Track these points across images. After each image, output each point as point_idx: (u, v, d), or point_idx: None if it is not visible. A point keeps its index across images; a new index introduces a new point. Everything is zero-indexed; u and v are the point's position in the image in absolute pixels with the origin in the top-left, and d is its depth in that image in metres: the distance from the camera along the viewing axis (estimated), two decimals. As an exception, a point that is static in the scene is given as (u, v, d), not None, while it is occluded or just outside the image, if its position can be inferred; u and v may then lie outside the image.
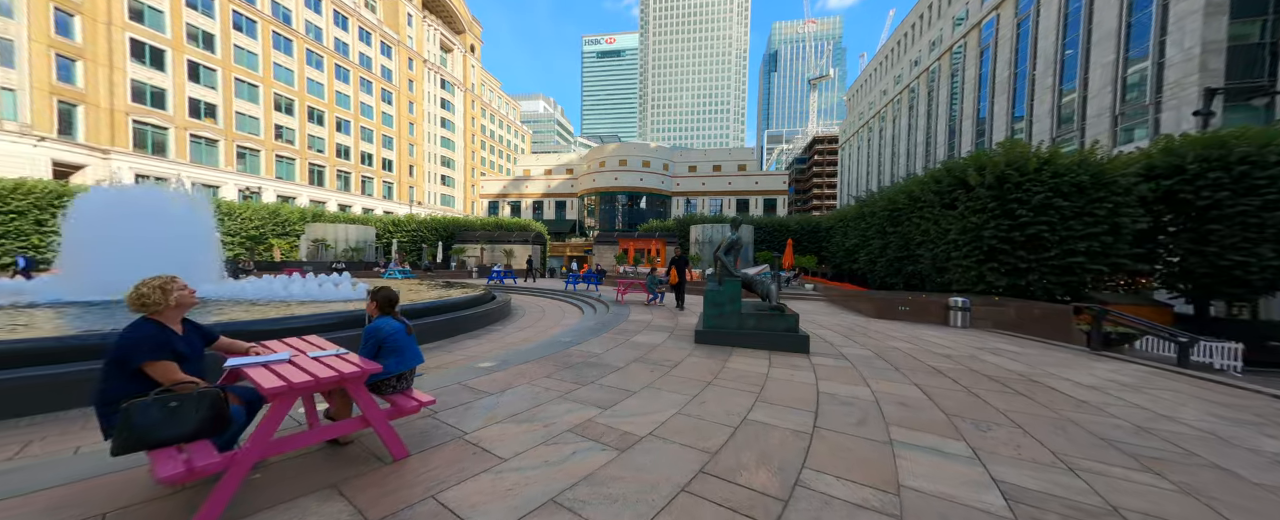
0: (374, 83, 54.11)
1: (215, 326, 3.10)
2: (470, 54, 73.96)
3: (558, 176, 50.93)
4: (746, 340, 6.38)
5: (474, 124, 74.81)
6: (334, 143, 48.52)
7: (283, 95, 43.26)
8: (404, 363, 2.93)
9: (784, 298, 14.58)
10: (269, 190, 41.15)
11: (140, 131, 33.45)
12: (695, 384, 4.64)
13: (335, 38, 49.25)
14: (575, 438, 3.19)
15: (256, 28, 41.07)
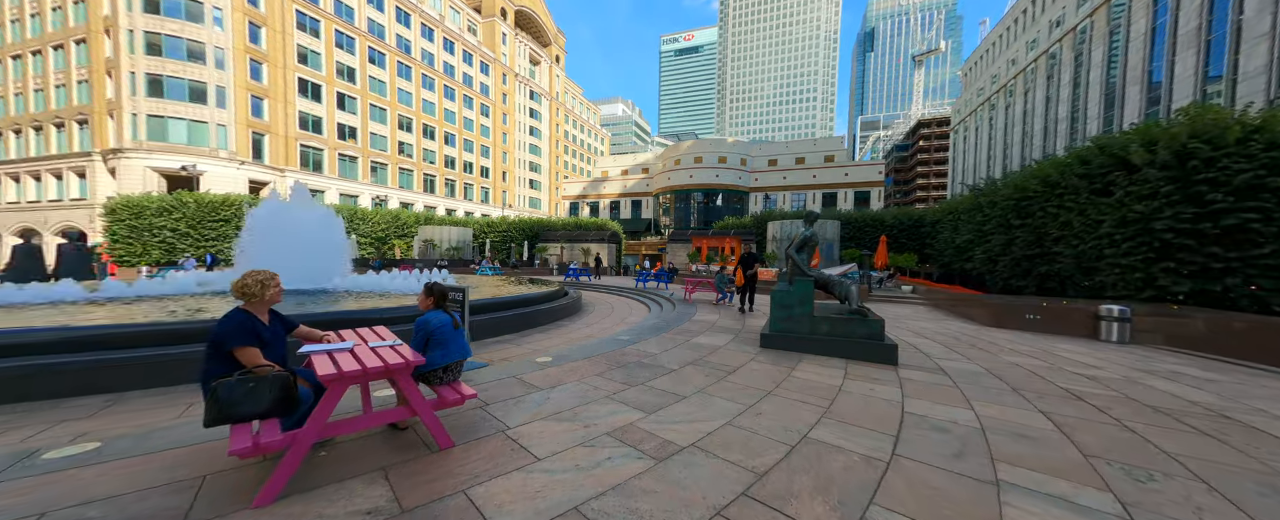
0: (474, 98, 60.28)
1: (303, 316, 3.57)
2: (555, 64, 78.67)
3: (634, 176, 51.86)
4: (819, 347, 5.73)
5: (558, 130, 79.52)
6: (442, 154, 55.07)
7: (404, 115, 50.20)
8: (449, 355, 3.07)
9: (874, 301, 13.03)
10: (393, 198, 48.08)
11: (304, 153, 41.26)
12: (752, 392, 4.26)
13: (444, 61, 55.81)
14: (613, 442, 3.07)
15: (385, 59, 48.17)
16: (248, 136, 36.83)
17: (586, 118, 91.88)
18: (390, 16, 48.90)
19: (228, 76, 35.27)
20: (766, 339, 6.14)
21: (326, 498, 2.24)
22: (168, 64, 32.97)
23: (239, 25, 35.76)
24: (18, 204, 36.47)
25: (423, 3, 53.30)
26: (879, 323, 5.67)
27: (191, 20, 33.73)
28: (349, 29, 44.21)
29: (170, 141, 33.40)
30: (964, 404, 4.11)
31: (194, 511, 2.07)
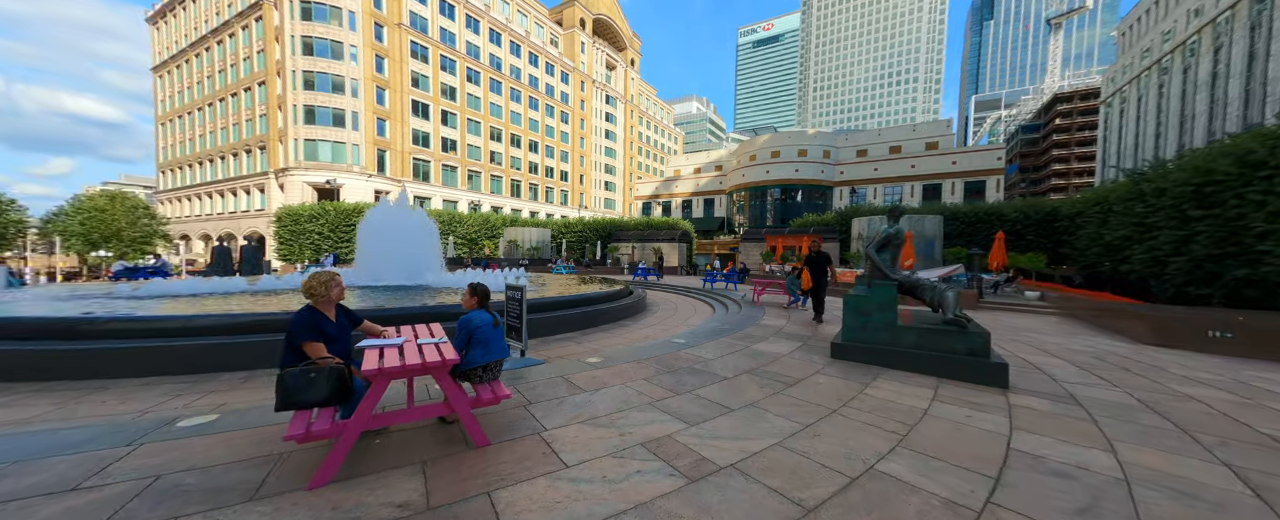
0: (555, 106, 64.00)
1: (369, 311, 3.94)
2: (630, 68, 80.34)
3: (706, 174, 50.85)
4: (903, 361, 4.95)
5: (632, 132, 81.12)
6: (526, 160, 59.35)
7: (495, 126, 55.05)
8: (489, 355, 3.15)
9: (986, 309, 11.09)
10: (485, 203, 52.99)
11: (416, 165, 47.29)
12: (813, 409, 3.79)
13: (529, 74, 60.09)
14: (646, 454, 2.91)
15: (479, 76, 53.27)
16: (374, 153, 43.19)
17: (660, 118, 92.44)
18: (484, 37, 53.89)
19: (360, 103, 41.73)
20: (838, 349, 5.48)
21: (368, 487, 2.40)
22: (318, 96, 39.98)
23: (368, 58, 42.09)
24: (220, 215, 46.99)
25: (511, 21, 57.91)
26: (983, 336, 4.73)
27: (335, 58, 40.50)
28: (450, 52, 49.60)
29: (319, 160, 40.45)
30: (1101, 444, 3.22)
31: (263, 488, 2.34)
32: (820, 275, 8.81)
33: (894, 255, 5.75)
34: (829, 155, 42.01)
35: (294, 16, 39.38)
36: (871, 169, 40.03)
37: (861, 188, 40.29)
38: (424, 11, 47.14)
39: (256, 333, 5.66)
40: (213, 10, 47.25)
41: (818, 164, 41.23)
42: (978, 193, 35.74)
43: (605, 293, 9.97)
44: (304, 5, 39.67)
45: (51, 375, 4.87)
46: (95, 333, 5.47)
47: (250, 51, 43.52)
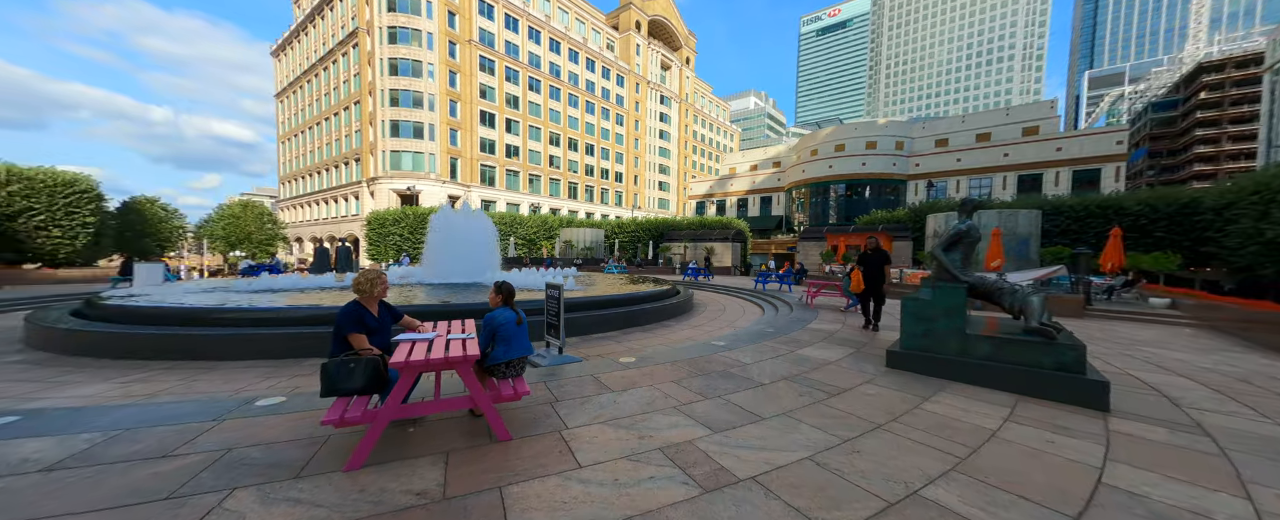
0: (610, 109, 65.33)
1: (409, 307, 4.22)
2: (685, 66, 79.72)
3: (763, 172, 48.95)
4: (973, 374, 4.35)
5: (686, 130, 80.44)
6: (583, 163, 61.22)
7: (553, 131, 57.44)
8: (510, 352, 3.24)
9: (1098, 318, 9.46)
10: (545, 205, 55.46)
11: (483, 170, 50.73)
12: (855, 423, 3.45)
13: (586, 79, 61.94)
14: (662, 459, 2.82)
15: (540, 84, 55.88)
16: (447, 161, 47.00)
17: (715, 115, 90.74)
18: (544, 46, 56.44)
19: (435, 116, 45.64)
20: (895, 358, 4.95)
21: (394, 473, 2.56)
22: (401, 111, 44.35)
23: (443, 74, 45.90)
24: (325, 219, 53.80)
25: (569, 30, 60.05)
26: (1076, 348, 4.02)
27: (415, 76, 44.67)
28: (514, 63, 52.55)
29: (402, 169, 44.83)
30: (1232, 485, 2.58)
31: (308, 467, 2.60)
32: (876, 277, 7.68)
33: (966, 254, 5.08)
34: (902, 146, 38.49)
35: (382, 41, 44.00)
36: (953, 160, 36.02)
37: (941, 181, 36.38)
38: (491, 27, 50.41)
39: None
40: (320, 42, 54.25)
41: (888, 156, 37.94)
42: (1089, 183, 30.71)
43: (648, 292, 9.94)
44: (390, 29, 44.15)
45: (181, 355, 5.84)
46: (214, 321, 6.49)
47: (348, 75, 49.35)
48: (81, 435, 2.90)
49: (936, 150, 37.29)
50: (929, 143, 38.10)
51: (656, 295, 10.01)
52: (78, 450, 2.70)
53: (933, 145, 37.81)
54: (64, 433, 2.94)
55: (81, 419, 3.20)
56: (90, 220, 18.97)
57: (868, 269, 7.78)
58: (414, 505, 2.26)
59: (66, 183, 18.26)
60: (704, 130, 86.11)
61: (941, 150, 36.99)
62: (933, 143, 37.85)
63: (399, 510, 2.22)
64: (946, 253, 5.07)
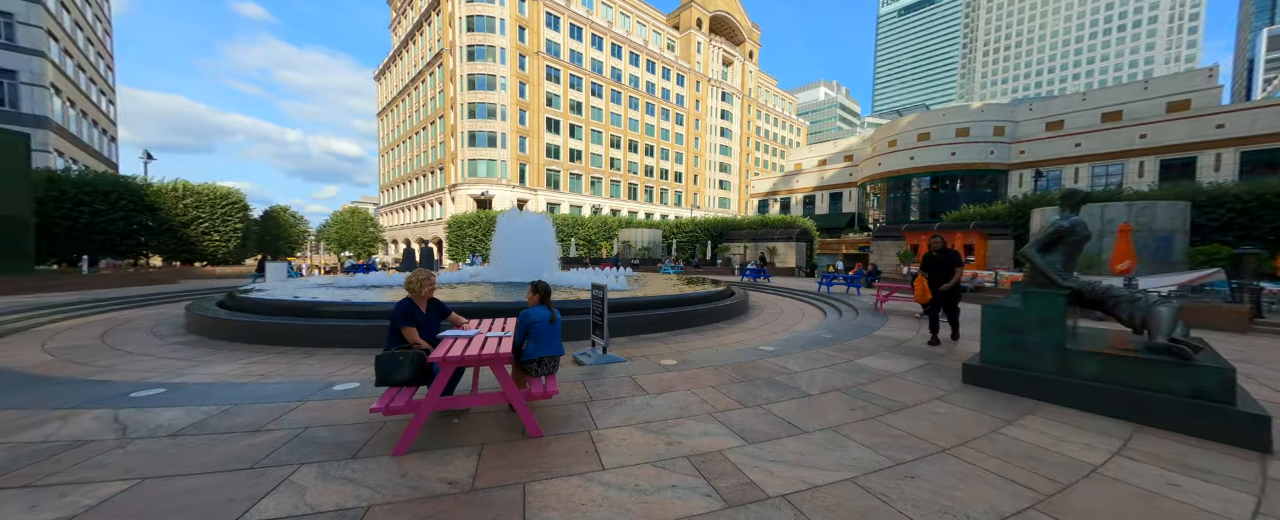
0: (670, 110, 65.27)
1: (456, 304, 4.49)
2: (748, 60, 77.18)
3: (833, 166, 45.70)
4: (1077, 397, 3.67)
5: (749, 127, 77.82)
6: (642, 164, 61.84)
7: (614, 134, 58.74)
8: (541, 349, 3.33)
9: (1263, 331, 7.50)
10: (605, 206, 56.90)
11: (549, 175, 53.36)
12: (915, 444, 3.06)
13: (646, 81, 62.51)
14: (688, 468, 2.72)
15: (602, 89, 57.48)
16: (516, 167, 50.13)
17: (780, 109, 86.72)
18: (606, 52, 57.92)
19: (506, 125, 48.91)
20: (973, 373, 4.33)
21: (433, 460, 2.75)
22: (477, 123, 48.12)
23: (513, 86, 49.04)
24: (415, 223, 60.05)
25: (631, 34, 61.01)
26: (1222, 371, 3.20)
27: (490, 89, 48.23)
28: (578, 70, 54.58)
29: (478, 176, 48.63)
30: None
31: (363, 449, 2.87)
32: (945, 283, 6.37)
33: (1070, 255, 4.29)
34: (1002, 132, 33.74)
35: (462, 59, 48.09)
36: (1070, 145, 30.77)
37: (1053, 169, 31.25)
38: (557, 37, 52.83)
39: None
40: (412, 64, 60.70)
41: (985, 144, 33.46)
42: (1268, 166, 24.50)
43: (698, 294, 9.73)
44: (469, 48, 48.10)
45: (291, 342, 6.83)
46: (317, 313, 7.51)
47: (434, 92, 54.62)
48: (202, 408, 3.50)
49: (1048, 134, 32.13)
50: (1038, 126, 32.97)
51: (707, 297, 9.77)
52: (197, 420, 3.26)
53: (1042, 129, 32.65)
54: (191, 404, 3.57)
55: (206, 394, 3.86)
56: (239, 226, 23.02)
57: (934, 274, 6.40)
58: (444, 493, 2.40)
59: (223, 195, 22.37)
60: (768, 126, 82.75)
61: (1054, 134, 31.79)
62: (1042, 126, 32.68)
63: (431, 497, 2.37)
64: (1044, 253, 4.32)
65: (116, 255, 20.00)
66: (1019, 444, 3.08)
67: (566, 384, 4.23)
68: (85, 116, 31.51)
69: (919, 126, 36.38)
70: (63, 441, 2.87)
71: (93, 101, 33.16)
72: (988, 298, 10.84)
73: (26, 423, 3.15)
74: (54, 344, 6.74)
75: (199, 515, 2.14)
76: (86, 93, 31.82)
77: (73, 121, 29.21)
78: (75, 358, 5.96)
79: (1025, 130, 33.34)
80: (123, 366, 5.55)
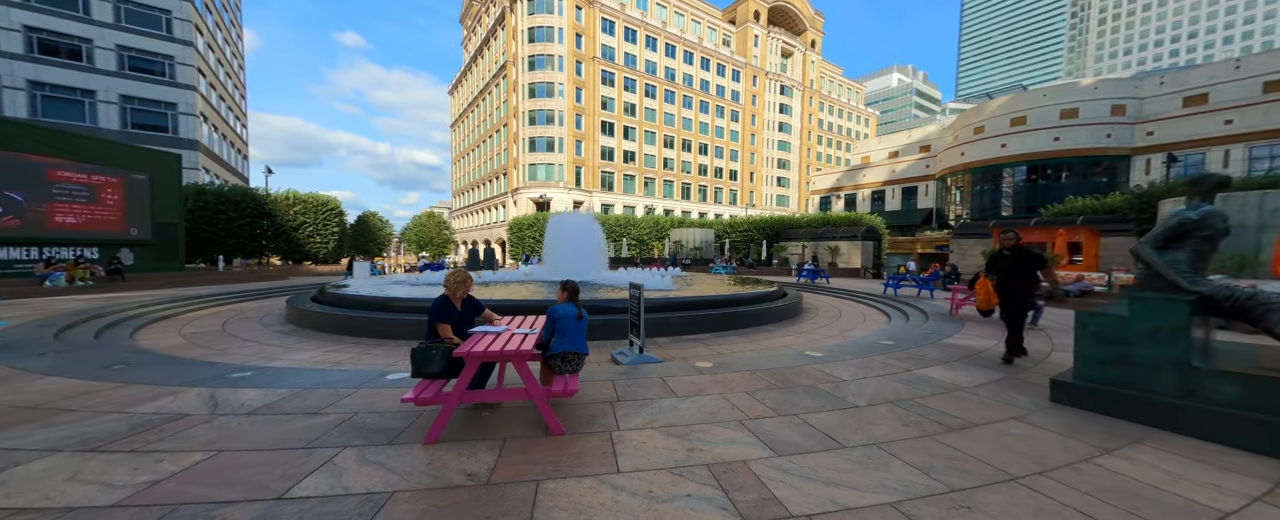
0: (725, 107, 63.80)
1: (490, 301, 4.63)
2: (810, 50, 73.20)
3: (906, 158, 41.82)
4: (1204, 426, 2.97)
5: (810, 120, 73.77)
6: (696, 163, 61.08)
7: (667, 135, 58.65)
8: (562, 345, 3.33)
9: None
10: (659, 206, 56.96)
11: (603, 177, 54.56)
12: (978, 469, 2.64)
13: (700, 79, 61.67)
14: (706, 476, 2.58)
15: (655, 90, 57.66)
16: (572, 170, 51.85)
17: (846, 100, 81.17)
18: (660, 53, 57.99)
19: (563, 130, 50.78)
20: (1063, 391, 3.67)
21: (457, 451, 2.85)
22: (537, 129, 50.49)
23: (570, 92, 50.79)
24: (482, 226, 64.41)
25: (686, 32, 60.54)
26: None
27: (548, 96, 50.39)
28: (632, 73, 55.23)
29: (537, 179, 51.00)
30: None
31: (400, 436, 3.06)
32: (1019, 291, 5.06)
33: (1200, 254, 3.49)
34: (1123, 111, 28.77)
35: (523, 69, 50.74)
36: (1218, 122, 25.42)
37: (1192, 152, 26.04)
38: (612, 42, 53.85)
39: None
40: (480, 78, 65.22)
41: (1099, 126, 28.73)
42: None
43: (744, 294, 9.34)
44: (530, 58, 50.61)
45: (363, 333, 7.57)
46: (385, 306, 8.26)
47: (499, 102, 58.22)
48: (278, 390, 3.95)
49: (1186, 111, 26.83)
50: (1173, 102, 27.65)
51: (754, 298, 9.34)
52: (272, 402, 3.68)
53: (1179, 105, 27.33)
54: (270, 386, 4.05)
55: (284, 377, 4.37)
56: (335, 230, 26.20)
57: (1006, 279, 5.07)
58: (462, 485, 2.47)
59: (323, 203, 25.61)
60: (831, 118, 77.88)
61: (1195, 110, 26.46)
62: (1179, 101, 27.35)
63: (450, 487, 2.45)
64: (1162, 251, 3.54)
65: (244, 255, 23.67)
66: (1118, 478, 2.54)
67: (597, 383, 4.22)
68: (224, 139, 37.62)
69: (1013, 110, 32.16)
70: (169, 414, 3.38)
71: (230, 126, 39.51)
72: (1097, 304, 9.25)
73: (148, 396, 3.76)
74: (188, 330, 8.08)
75: (253, 487, 2.39)
76: (225, 118, 37.96)
77: (216, 143, 35.00)
78: (200, 341, 7.09)
79: (1154, 108, 28.12)
80: (233, 350, 6.49)
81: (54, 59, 25.97)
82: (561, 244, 13.66)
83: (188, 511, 2.18)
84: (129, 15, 28.30)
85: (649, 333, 7.43)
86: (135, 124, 28.31)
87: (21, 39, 25.29)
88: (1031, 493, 2.40)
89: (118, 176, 14.40)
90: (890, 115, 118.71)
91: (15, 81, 25.10)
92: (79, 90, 26.83)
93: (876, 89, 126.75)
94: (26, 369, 4.39)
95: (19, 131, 13.56)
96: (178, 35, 29.77)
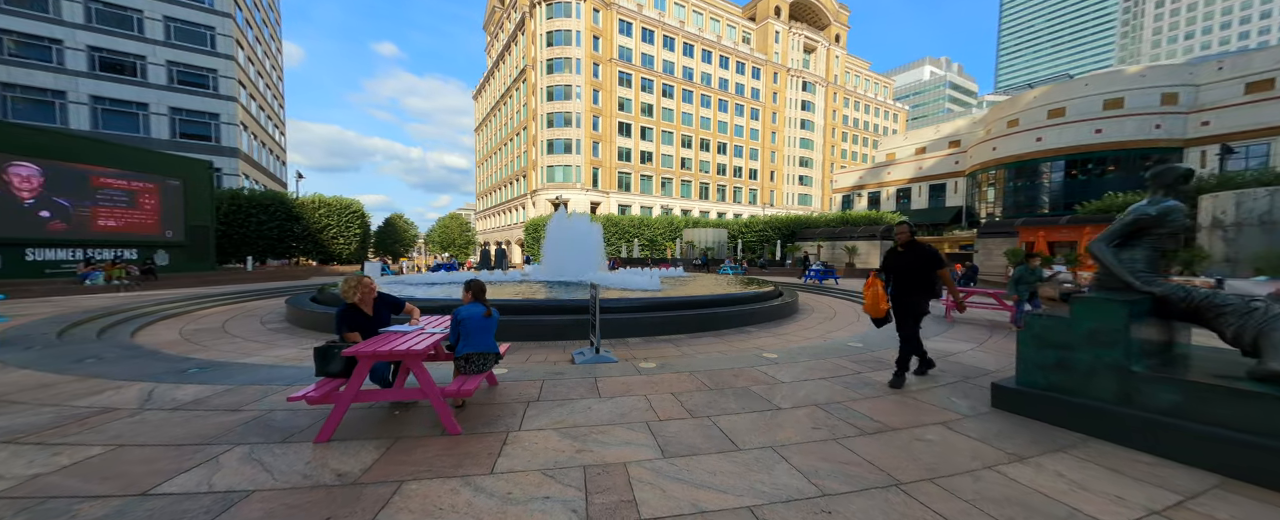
0: (744, 105, 62.76)
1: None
2: (834, 45, 71.10)
3: (934, 154, 39.84)
4: (1141, 435, 2.68)
5: (835, 117, 71.57)
6: (715, 162, 60.34)
7: (685, 134, 58.23)
8: (469, 346, 3.26)
9: None
10: (676, 206, 56.59)
11: (620, 177, 54.71)
12: (867, 474, 2.45)
13: (719, 77, 60.93)
14: (578, 479, 2.50)
15: (672, 89, 57.38)
16: (590, 171, 52.25)
17: (873, 95, 78.33)
18: (678, 52, 57.67)
19: (581, 132, 51.25)
20: (1004, 395, 3.41)
21: (343, 451, 2.82)
22: (555, 131, 51.17)
23: (587, 94, 51.22)
24: (502, 227, 65.85)
25: (704, 31, 59.99)
26: None
27: (566, 99, 51.00)
28: (649, 74, 55.17)
29: (555, 181, 51.66)
30: None
31: (298, 435, 3.05)
32: (909, 294, 4.13)
33: (1158, 252, 3.11)
34: (1175, 100, 26.42)
35: (542, 73, 51.56)
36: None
37: (1254, 143, 23.59)
38: (629, 43, 53.96)
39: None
40: (502, 82, 66.80)
41: (1148, 116, 26.47)
42: None
43: (726, 295, 9.07)
44: (548, 61, 51.39)
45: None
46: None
47: (519, 105, 59.40)
48: (217, 385, 4.07)
49: (1248, 98, 24.33)
50: (1234, 89, 25.16)
51: (737, 298, 9.05)
52: (203, 397, 3.79)
53: (1240, 92, 24.83)
54: (212, 382, 4.18)
55: (233, 373, 4.50)
56: (357, 232, 27.36)
57: (900, 280, 4.17)
58: (327, 485, 2.43)
59: (346, 206, 26.82)
60: (857, 114, 75.31)
61: (1261, 96, 23.96)
62: (1240, 88, 24.86)
63: (313, 487, 2.41)
64: (1119, 248, 3.16)
65: (275, 256, 25.06)
66: (1013, 486, 2.29)
67: (524, 383, 4.14)
68: (263, 146, 39.98)
69: (1050, 101, 30.10)
70: (100, 408, 3.52)
71: (269, 134, 41.96)
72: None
73: (94, 390, 3.94)
74: (189, 327, 8.55)
75: (125, 483, 2.43)
76: (264, 127, 40.34)
77: (255, 150, 37.24)
78: (193, 338, 7.47)
79: (1211, 95, 25.66)
80: (217, 346, 6.80)
81: (113, 75, 28.32)
82: (559, 245, 13.71)
83: (51, 505, 2.22)
84: (178, 33, 30.52)
85: (623, 333, 7.33)
86: (183, 134, 30.48)
87: (86, 57, 27.70)
88: (907, 499, 2.18)
89: (154, 182, 15.57)
90: (922, 110, 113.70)
91: (80, 97, 27.50)
92: (134, 104, 29.13)
93: (907, 83, 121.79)
94: (5, 362, 4.71)
95: (68, 143, 14.86)
96: (220, 50, 31.87)
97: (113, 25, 28.44)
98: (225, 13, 31.86)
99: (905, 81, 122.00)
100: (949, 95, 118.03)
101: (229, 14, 32.00)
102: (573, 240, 13.66)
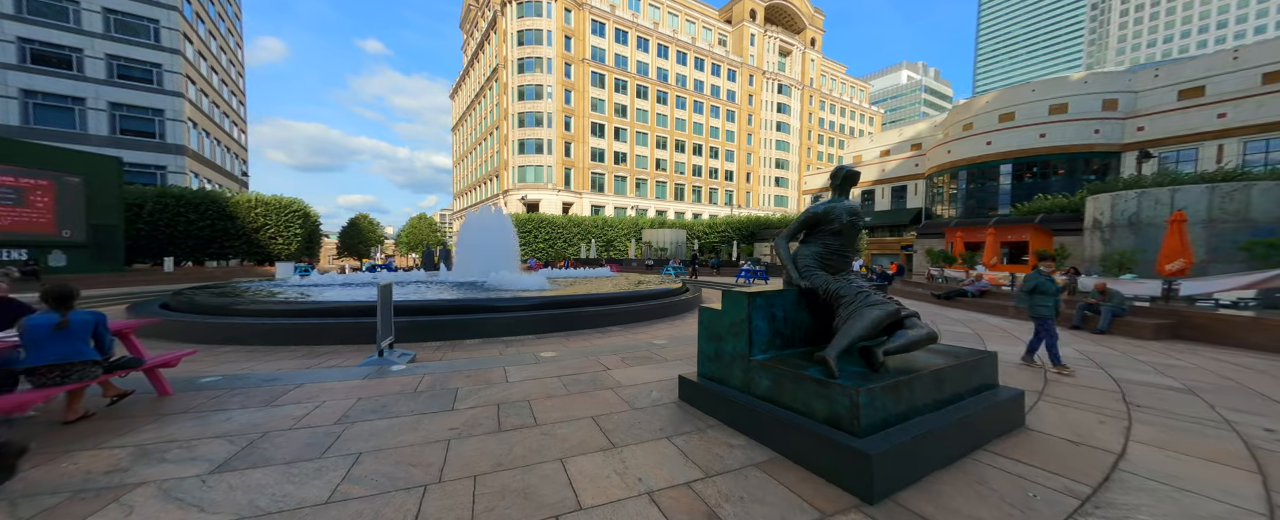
0: (720, 107, 63.03)
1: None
2: (810, 49, 71.88)
3: (897, 157, 40.37)
4: (750, 420, 2.75)
5: (810, 119, 72.32)
6: (690, 164, 60.44)
7: (660, 135, 58.23)
8: (35, 359, 2.99)
9: None
10: (650, 208, 56.51)
11: (593, 178, 54.45)
12: (400, 472, 2.22)
13: (694, 79, 61.09)
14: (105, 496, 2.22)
15: (647, 91, 57.37)
16: (562, 171, 51.90)
17: (848, 98, 79.38)
18: (653, 54, 57.69)
19: (552, 132, 50.90)
20: (686, 388, 3.37)
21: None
22: (526, 131, 50.75)
23: (559, 94, 50.91)
24: (477, 227, 65.15)
25: (679, 33, 60.11)
26: (847, 393, 1.94)
27: (537, 99, 50.63)
28: (623, 74, 55.07)
29: (527, 181, 51.21)
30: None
31: None
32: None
33: (832, 247, 2.99)
34: (1115, 106, 27.11)
35: (513, 72, 51.14)
36: (1211, 116, 23.65)
37: (1183, 148, 24.28)
38: (602, 43, 53.80)
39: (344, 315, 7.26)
40: (476, 82, 66.16)
41: (1088, 121, 27.11)
42: None
43: (587, 295, 8.88)
44: (519, 60, 50.97)
45: (180, 337, 7.40)
46: (226, 310, 8.10)
47: (492, 105, 58.86)
48: None
49: (1180, 105, 25.05)
50: (1167, 95, 25.89)
51: (606, 298, 8.86)
52: None
53: (1173, 98, 25.57)
54: None
55: None
56: (299, 232, 26.63)
57: None
58: None
59: (286, 205, 26.11)
60: (833, 117, 76.24)
61: (1189, 104, 24.68)
62: (1173, 94, 25.59)
63: None
64: (804, 244, 3.07)
65: (207, 257, 24.21)
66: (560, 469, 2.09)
67: (189, 394, 3.85)
68: (219, 144, 38.84)
69: (1001, 106, 30.68)
70: None
71: (226, 131, 40.79)
72: (996, 305, 8.47)
73: None
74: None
75: None
76: (219, 124, 39.19)
77: (207, 148, 36.13)
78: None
79: (1149, 102, 26.38)
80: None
81: (46, 68, 27.21)
82: (472, 244, 13.42)
83: None
84: (118, 25, 29.48)
85: (500, 332, 7.14)
86: (123, 129, 29.43)
87: (15, 50, 26.57)
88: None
89: (48, 179, 14.82)
90: (898, 114, 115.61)
91: (9, 91, 26.37)
92: (70, 98, 28.04)
93: (885, 86, 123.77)
94: None
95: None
96: (165, 44, 30.89)
97: (45, 16, 27.37)
98: (171, 5, 30.92)
99: (883, 86, 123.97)
100: (924, 99, 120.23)
101: (175, 7, 31.07)
102: (485, 240, 13.37)
